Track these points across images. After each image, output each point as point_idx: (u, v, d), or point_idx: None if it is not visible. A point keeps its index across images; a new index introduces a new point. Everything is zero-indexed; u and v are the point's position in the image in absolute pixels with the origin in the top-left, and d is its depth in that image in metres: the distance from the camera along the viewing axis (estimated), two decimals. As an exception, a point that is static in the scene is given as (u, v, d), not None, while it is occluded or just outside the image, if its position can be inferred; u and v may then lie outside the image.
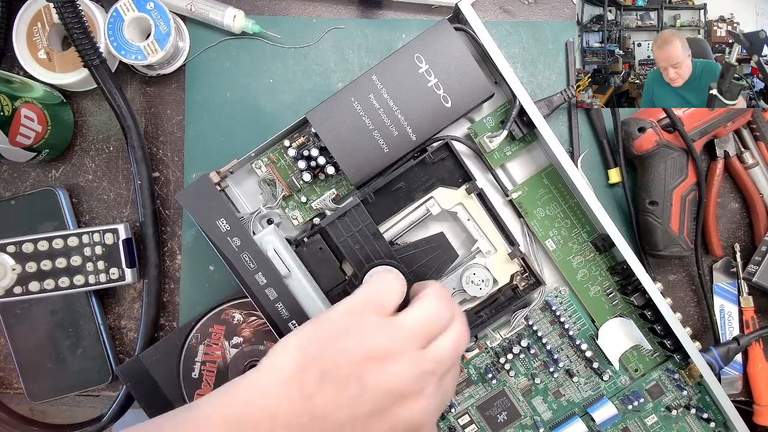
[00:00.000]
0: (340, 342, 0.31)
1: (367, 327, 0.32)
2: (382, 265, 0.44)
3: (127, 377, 0.47)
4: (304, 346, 0.31)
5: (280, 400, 0.30)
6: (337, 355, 0.30)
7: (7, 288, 0.47)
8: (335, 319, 0.33)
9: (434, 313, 0.34)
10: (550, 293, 0.49)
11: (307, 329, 0.32)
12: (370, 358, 0.30)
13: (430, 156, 0.46)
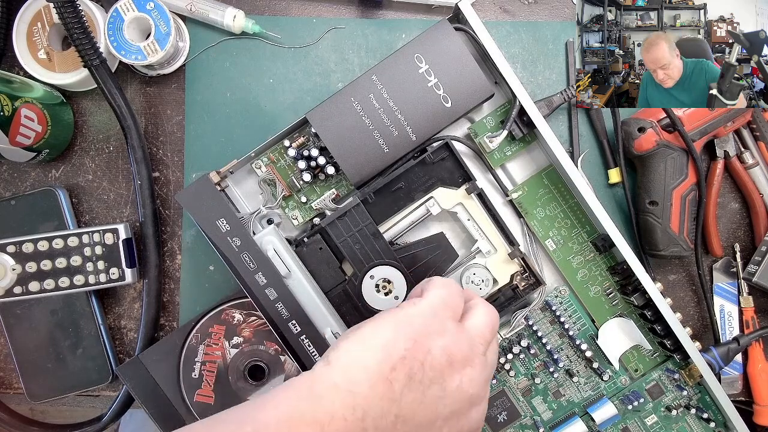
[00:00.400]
0: (425, 345, 0.31)
1: (449, 331, 0.32)
2: (383, 265, 0.45)
3: (127, 377, 0.47)
4: (389, 345, 0.31)
5: (370, 400, 0.29)
6: (424, 358, 0.30)
7: (7, 288, 0.47)
8: (417, 318, 0.32)
9: (494, 321, 0.36)
10: (550, 293, 0.49)
11: (388, 327, 0.32)
12: (453, 363, 0.31)
13: (430, 156, 0.46)
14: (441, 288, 0.35)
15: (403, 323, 0.32)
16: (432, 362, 0.30)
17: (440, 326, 0.32)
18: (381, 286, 0.45)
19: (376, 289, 0.45)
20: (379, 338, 0.31)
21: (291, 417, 0.28)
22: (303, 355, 0.44)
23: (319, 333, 0.44)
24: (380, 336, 0.31)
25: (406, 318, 0.32)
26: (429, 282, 0.36)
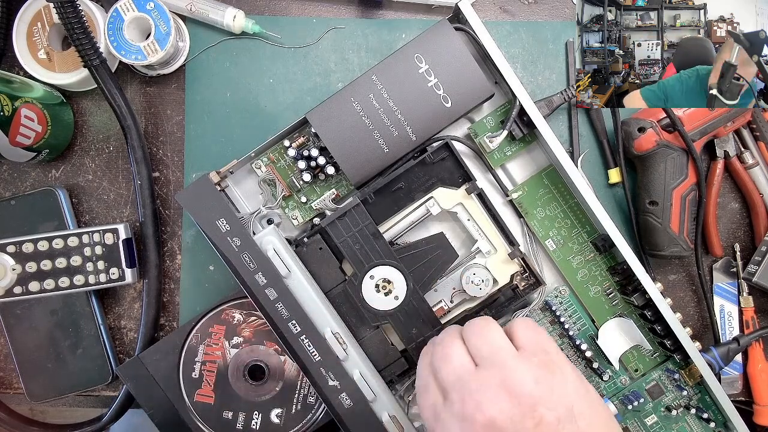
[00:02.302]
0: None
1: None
2: (383, 265, 0.45)
3: (127, 377, 0.47)
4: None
5: None
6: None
7: (7, 288, 0.47)
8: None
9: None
10: (550, 293, 0.49)
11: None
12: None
13: (430, 156, 0.46)
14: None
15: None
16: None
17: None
18: (381, 286, 0.45)
19: (376, 289, 0.45)
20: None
21: None
22: (303, 355, 0.44)
23: (319, 333, 0.44)
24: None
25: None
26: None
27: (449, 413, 0.35)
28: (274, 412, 0.47)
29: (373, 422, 0.44)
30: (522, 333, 0.37)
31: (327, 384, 0.44)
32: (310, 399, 0.48)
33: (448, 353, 0.37)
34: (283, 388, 0.48)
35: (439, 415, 0.35)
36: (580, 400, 0.34)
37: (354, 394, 0.44)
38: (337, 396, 0.44)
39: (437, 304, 0.47)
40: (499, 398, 0.33)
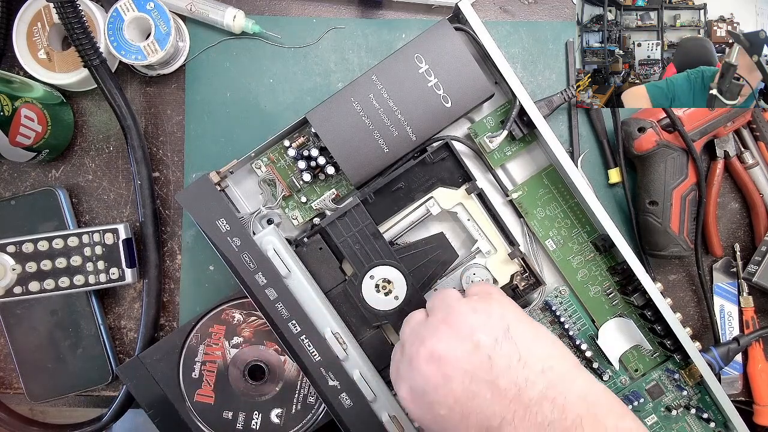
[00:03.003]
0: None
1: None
2: (383, 265, 0.45)
3: (127, 377, 0.47)
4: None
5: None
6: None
7: (7, 288, 0.47)
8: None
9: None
10: (550, 293, 0.49)
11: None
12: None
13: (430, 156, 0.46)
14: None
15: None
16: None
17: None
18: (381, 286, 0.45)
19: (376, 289, 0.45)
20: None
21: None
22: (303, 355, 0.44)
23: (319, 333, 0.44)
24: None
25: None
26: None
27: (402, 360, 0.37)
28: (274, 412, 0.48)
29: (373, 422, 0.44)
30: (472, 287, 0.40)
31: (327, 384, 0.44)
32: (310, 399, 0.48)
33: (409, 316, 0.40)
34: (283, 388, 0.48)
35: (398, 369, 0.37)
36: (517, 322, 0.36)
37: (354, 394, 0.44)
38: (337, 396, 0.44)
39: (437, 304, 0.47)
40: (440, 332, 0.35)
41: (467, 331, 0.35)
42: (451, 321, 0.36)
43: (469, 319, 0.35)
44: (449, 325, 0.35)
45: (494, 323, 0.35)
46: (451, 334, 0.35)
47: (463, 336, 0.35)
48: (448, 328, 0.35)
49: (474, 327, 0.35)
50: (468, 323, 0.35)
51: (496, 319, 0.35)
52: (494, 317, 0.36)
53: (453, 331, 0.35)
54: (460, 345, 0.34)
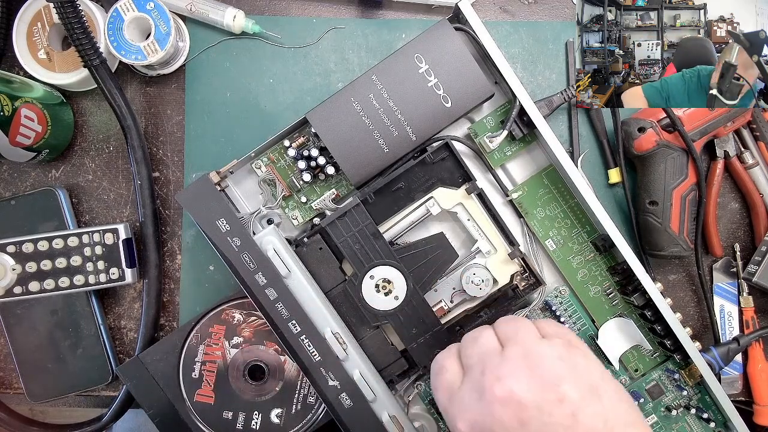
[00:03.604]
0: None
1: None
2: (383, 265, 0.45)
3: (127, 377, 0.47)
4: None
5: None
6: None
7: (7, 288, 0.47)
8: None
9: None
10: (550, 293, 0.49)
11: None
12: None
13: (430, 156, 0.46)
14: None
15: None
16: None
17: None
18: (381, 286, 0.45)
19: (376, 289, 0.45)
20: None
21: None
22: (303, 355, 0.44)
23: (319, 333, 0.44)
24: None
25: None
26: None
27: (467, 388, 0.34)
28: (274, 412, 0.48)
29: (373, 422, 0.44)
30: (546, 326, 0.37)
31: (327, 384, 0.44)
32: (310, 399, 0.48)
33: (476, 336, 0.37)
34: (283, 388, 0.48)
35: (454, 393, 0.35)
36: (603, 380, 0.33)
37: (354, 394, 0.44)
38: (337, 396, 0.44)
39: (437, 304, 0.47)
40: (521, 372, 0.32)
41: (552, 379, 0.32)
42: (534, 363, 0.33)
43: (555, 366, 0.33)
44: (531, 368, 0.33)
45: (581, 377, 0.33)
46: (534, 379, 0.32)
47: (548, 384, 0.32)
48: (530, 371, 0.32)
49: (560, 377, 0.32)
50: (553, 371, 0.32)
51: (582, 372, 0.33)
52: (580, 370, 0.33)
53: (536, 375, 0.32)
54: (543, 393, 0.32)
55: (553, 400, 0.31)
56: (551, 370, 0.33)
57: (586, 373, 0.33)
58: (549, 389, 0.32)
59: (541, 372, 0.32)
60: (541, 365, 0.33)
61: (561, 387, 0.32)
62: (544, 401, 0.31)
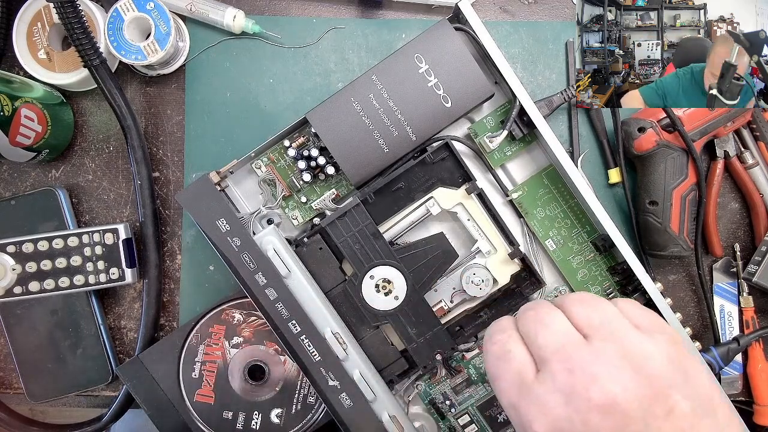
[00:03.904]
0: None
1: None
2: (383, 265, 0.45)
3: (127, 377, 0.47)
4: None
5: None
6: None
7: (7, 288, 0.47)
8: None
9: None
10: (550, 293, 0.49)
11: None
12: None
13: (430, 156, 0.46)
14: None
15: None
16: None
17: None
18: (381, 286, 0.45)
19: (376, 289, 0.45)
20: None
21: None
22: (303, 355, 0.44)
23: (319, 333, 0.44)
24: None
25: None
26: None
27: (548, 386, 0.28)
28: (274, 412, 0.48)
29: (373, 422, 0.44)
30: (634, 311, 0.31)
31: (327, 384, 0.44)
32: (310, 399, 0.48)
33: (544, 318, 0.30)
34: (283, 388, 0.48)
35: (529, 389, 0.29)
36: (715, 391, 0.28)
37: (354, 394, 0.44)
38: (337, 396, 0.44)
39: (437, 304, 0.47)
40: (623, 373, 0.27)
41: (661, 386, 0.27)
42: (636, 362, 0.27)
43: (663, 369, 0.27)
44: (634, 368, 0.27)
45: (695, 387, 0.28)
46: (638, 383, 0.27)
47: (656, 392, 0.27)
48: (633, 373, 0.27)
49: (671, 383, 0.27)
50: (662, 375, 0.27)
51: (695, 380, 0.28)
52: (692, 377, 0.28)
53: (640, 379, 0.27)
54: (650, 402, 0.26)
55: (662, 413, 0.26)
56: (661, 376, 0.27)
57: (699, 382, 0.28)
58: (658, 398, 0.27)
59: (648, 377, 0.27)
60: (647, 367, 0.27)
61: (671, 397, 0.27)
62: (650, 413, 0.26)
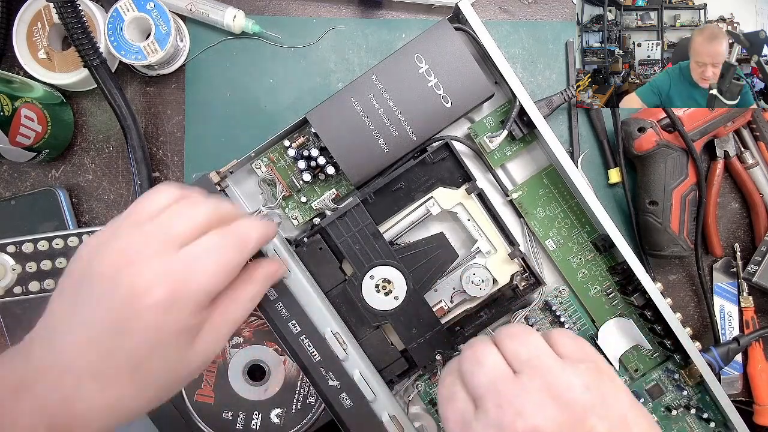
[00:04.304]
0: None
1: None
2: (383, 265, 0.45)
3: (127, 377, 0.47)
4: None
5: None
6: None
7: (7, 288, 0.47)
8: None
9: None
10: (550, 293, 0.49)
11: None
12: None
13: (430, 156, 0.46)
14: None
15: None
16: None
17: None
18: (381, 286, 0.45)
19: (376, 289, 0.45)
20: None
21: None
22: (303, 355, 0.44)
23: (319, 333, 0.44)
24: None
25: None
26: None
27: (483, 423, 0.30)
28: (274, 412, 0.48)
29: (373, 422, 0.44)
30: (563, 341, 0.33)
31: (327, 384, 0.44)
32: (310, 399, 0.48)
33: (479, 357, 0.33)
34: (283, 388, 0.48)
35: (469, 427, 0.31)
36: (633, 410, 0.31)
37: (354, 394, 0.44)
38: (337, 396, 0.44)
39: (437, 304, 0.47)
40: (545, 405, 0.29)
41: (579, 412, 0.29)
42: (557, 392, 0.30)
43: (581, 397, 0.30)
44: (554, 399, 0.30)
45: (611, 408, 0.30)
46: (558, 412, 0.29)
47: (574, 418, 0.29)
48: (553, 403, 0.30)
49: (587, 408, 0.29)
50: (580, 402, 0.29)
51: (612, 402, 0.30)
52: (609, 400, 0.30)
53: (560, 408, 0.29)
54: (570, 427, 0.29)
55: None
56: (577, 401, 0.30)
57: (616, 403, 0.30)
58: (576, 424, 0.29)
59: (567, 405, 0.29)
60: (566, 396, 0.30)
61: (588, 421, 0.29)
62: None
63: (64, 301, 0.32)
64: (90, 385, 0.30)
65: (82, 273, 0.31)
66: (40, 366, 0.30)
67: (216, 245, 0.32)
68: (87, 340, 0.30)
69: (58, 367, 0.30)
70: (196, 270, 0.31)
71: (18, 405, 0.29)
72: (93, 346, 0.30)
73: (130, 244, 0.31)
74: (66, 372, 0.30)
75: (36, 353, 0.31)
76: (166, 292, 0.30)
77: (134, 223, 0.32)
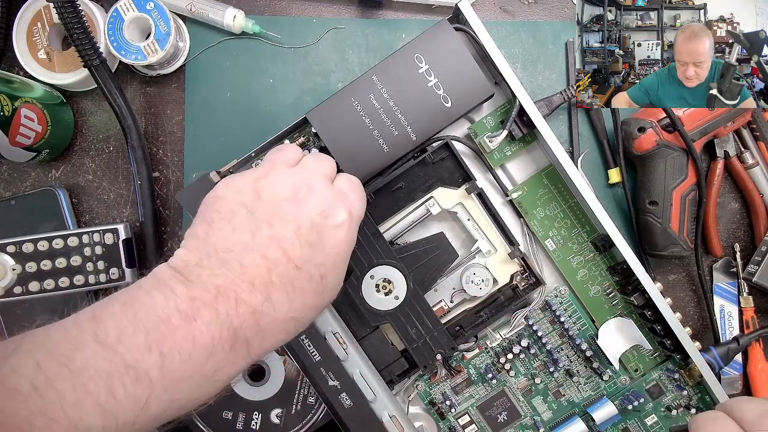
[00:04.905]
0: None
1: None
2: (383, 265, 0.45)
3: (127, 377, 0.47)
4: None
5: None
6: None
7: (7, 288, 0.47)
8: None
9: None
10: (550, 293, 0.49)
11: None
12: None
13: (430, 156, 0.46)
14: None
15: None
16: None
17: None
18: (381, 286, 0.45)
19: (376, 289, 0.45)
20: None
21: None
22: (303, 355, 0.44)
23: (319, 333, 0.44)
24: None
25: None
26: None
27: None
28: (274, 412, 0.48)
29: (373, 422, 0.44)
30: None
31: (327, 384, 0.44)
32: (310, 399, 0.48)
33: None
34: (283, 388, 0.48)
35: None
36: None
37: (354, 394, 0.44)
38: (337, 396, 0.44)
39: (437, 304, 0.47)
40: None
41: None
42: None
43: None
44: None
45: None
46: None
47: None
48: None
49: None
50: None
51: None
52: None
53: None
54: None
55: None
56: None
57: None
58: None
59: None
60: None
61: None
62: None
63: (227, 227, 0.34)
64: (279, 297, 0.32)
65: (252, 203, 0.34)
66: (220, 284, 0.31)
67: (350, 183, 0.38)
68: (277, 256, 0.32)
69: (245, 282, 0.31)
70: (353, 199, 0.37)
71: (195, 324, 0.30)
72: (281, 261, 0.32)
73: (301, 179, 0.35)
74: (253, 287, 0.32)
75: (204, 275, 0.32)
76: (347, 215, 0.35)
77: (288, 166, 0.37)
